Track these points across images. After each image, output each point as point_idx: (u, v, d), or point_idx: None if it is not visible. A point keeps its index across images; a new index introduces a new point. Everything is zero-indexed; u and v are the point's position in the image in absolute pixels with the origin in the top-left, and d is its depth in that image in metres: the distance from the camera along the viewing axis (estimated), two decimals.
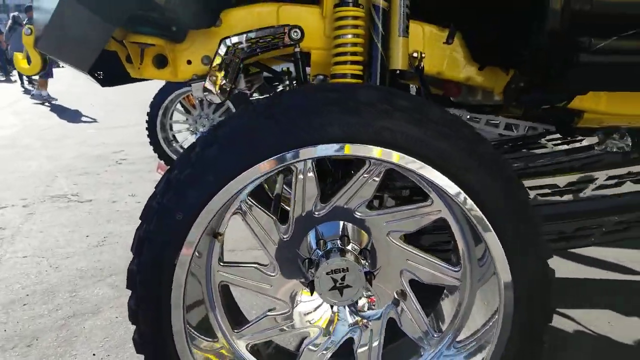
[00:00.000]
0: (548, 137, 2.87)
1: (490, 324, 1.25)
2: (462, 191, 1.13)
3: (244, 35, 1.40)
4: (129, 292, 1.17)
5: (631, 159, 2.04)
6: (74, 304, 2.29)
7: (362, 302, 1.45)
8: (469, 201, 1.14)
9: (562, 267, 2.61)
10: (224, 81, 1.44)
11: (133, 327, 1.19)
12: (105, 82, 1.84)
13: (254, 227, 1.28)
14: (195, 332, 1.27)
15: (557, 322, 2.06)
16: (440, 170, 1.13)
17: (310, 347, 1.38)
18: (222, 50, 1.41)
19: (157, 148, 4.79)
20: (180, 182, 1.11)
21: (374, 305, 1.40)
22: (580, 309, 2.17)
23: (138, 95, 4.73)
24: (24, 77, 13.46)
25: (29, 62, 1.61)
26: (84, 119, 8.46)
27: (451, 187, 1.14)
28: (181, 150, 4.35)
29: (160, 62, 1.57)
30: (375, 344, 1.37)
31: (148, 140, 4.76)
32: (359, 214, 1.26)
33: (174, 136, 4.90)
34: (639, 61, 1.34)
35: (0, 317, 2.20)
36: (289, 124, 1.11)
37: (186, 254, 1.13)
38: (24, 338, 2.04)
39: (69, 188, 4.31)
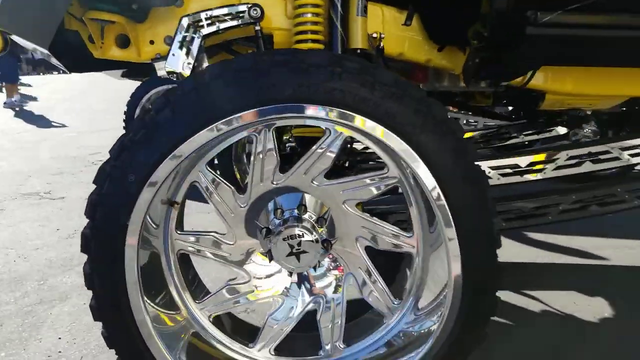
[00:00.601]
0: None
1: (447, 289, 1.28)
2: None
3: (204, 12, 1.42)
4: None
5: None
6: (42, 291, 2.27)
7: (326, 282, 1.48)
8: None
9: (531, 253, 2.68)
10: (186, 59, 1.45)
11: None
12: (73, 68, 1.85)
13: (213, 197, 1.29)
14: (155, 305, 1.28)
15: (525, 302, 2.13)
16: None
17: (270, 322, 1.40)
18: (183, 27, 1.43)
19: None
20: (133, 143, 1.11)
21: (340, 282, 1.42)
22: (547, 290, 2.24)
23: (121, 101, 4.69)
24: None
25: None
26: (63, 122, 8.37)
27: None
28: None
29: (124, 42, 1.58)
30: (337, 320, 1.39)
31: None
32: (316, 183, 1.29)
33: None
34: (583, 34, 1.38)
35: None
36: (238, 87, 1.12)
37: (138, 216, 1.14)
38: None
39: (41, 187, 4.26)
